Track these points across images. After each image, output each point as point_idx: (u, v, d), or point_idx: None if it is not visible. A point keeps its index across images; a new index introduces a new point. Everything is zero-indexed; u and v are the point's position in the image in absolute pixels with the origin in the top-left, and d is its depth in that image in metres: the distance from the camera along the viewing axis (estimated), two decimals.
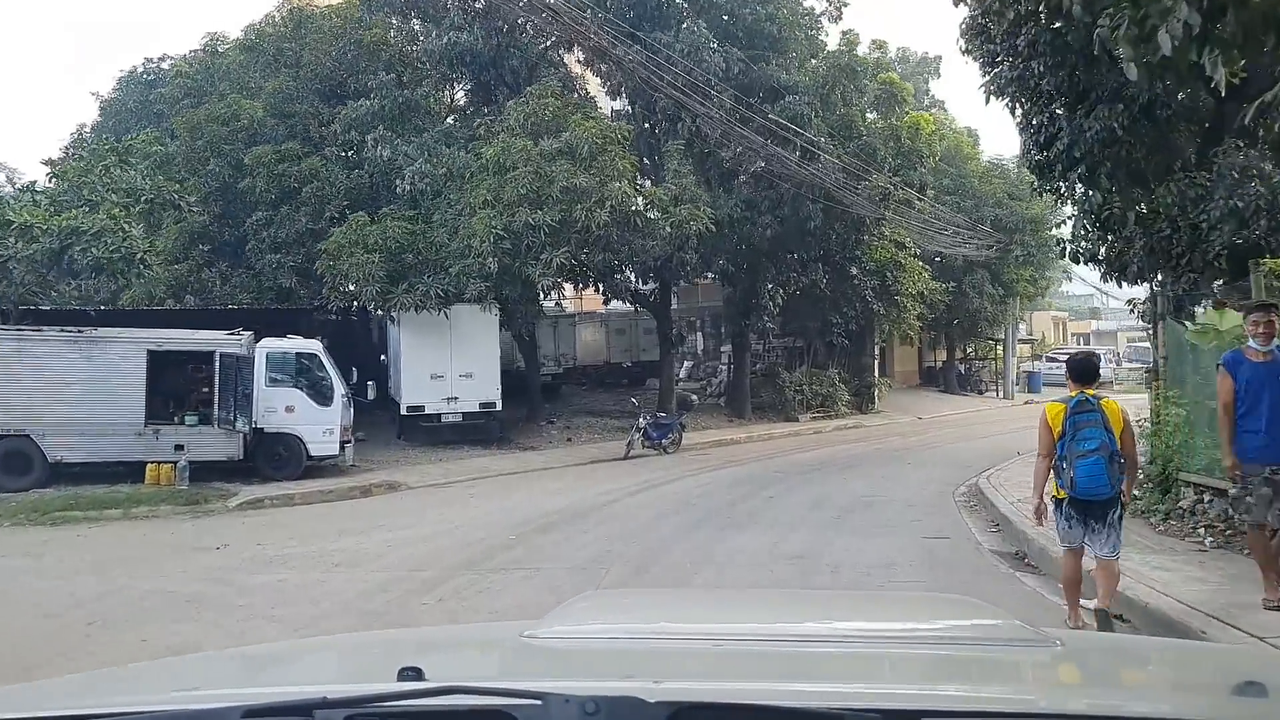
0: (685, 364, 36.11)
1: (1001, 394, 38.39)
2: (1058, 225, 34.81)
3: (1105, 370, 46.86)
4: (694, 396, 21.32)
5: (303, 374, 16.49)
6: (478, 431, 20.63)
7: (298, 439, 16.19)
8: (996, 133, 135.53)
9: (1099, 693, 1.86)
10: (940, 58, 42.40)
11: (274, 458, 16.18)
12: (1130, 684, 2.04)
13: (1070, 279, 41.16)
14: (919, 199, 24.82)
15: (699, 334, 36.58)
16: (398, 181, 19.42)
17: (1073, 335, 57.82)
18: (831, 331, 27.92)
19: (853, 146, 23.19)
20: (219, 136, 22.00)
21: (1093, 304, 64.69)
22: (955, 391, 38.13)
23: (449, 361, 20.29)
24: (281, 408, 16.17)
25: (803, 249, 24.72)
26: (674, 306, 38.47)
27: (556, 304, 27.76)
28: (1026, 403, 36.92)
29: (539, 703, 1.36)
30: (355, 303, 19.67)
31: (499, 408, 20.60)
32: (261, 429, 16.09)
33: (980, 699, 1.65)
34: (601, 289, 22.83)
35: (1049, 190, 13.22)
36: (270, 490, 15.16)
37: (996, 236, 33.90)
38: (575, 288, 23.83)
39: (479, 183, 18.12)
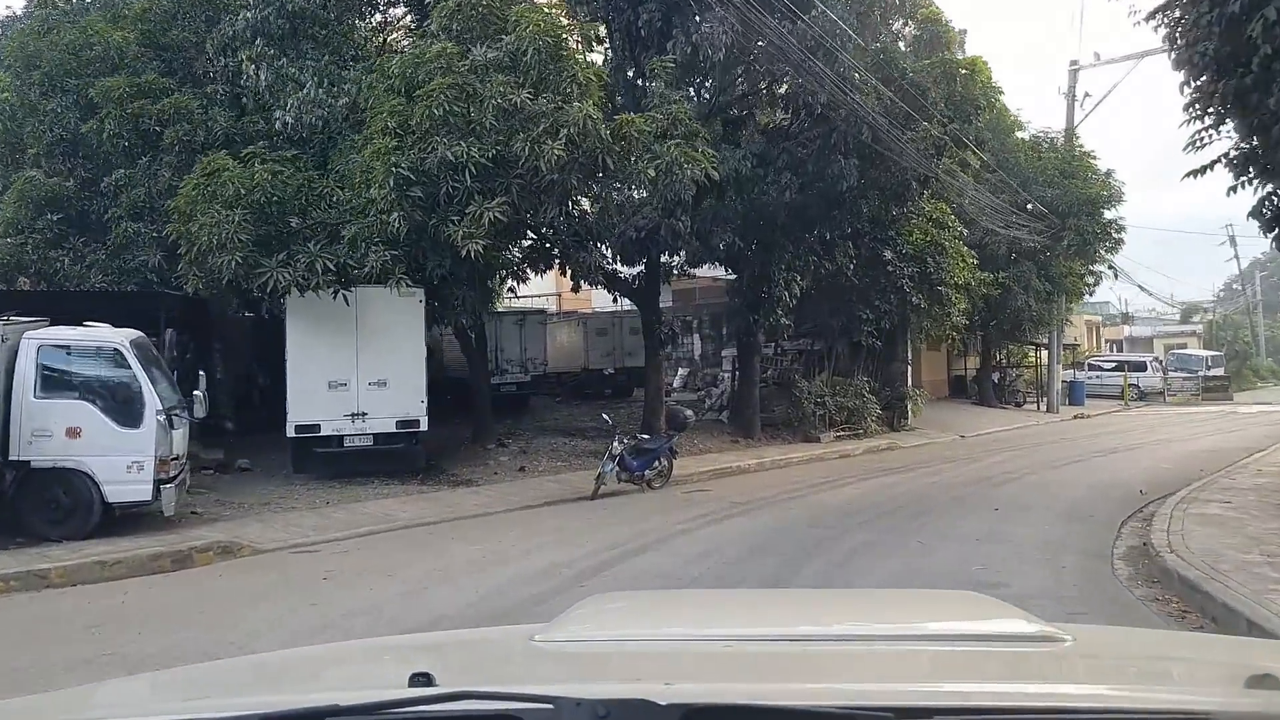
0: (681, 371, 30.37)
1: (1045, 406, 32.66)
2: (1115, 203, 29.34)
3: (1154, 380, 41.31)
4: (689, 412, 15.62)
5: (96, 381, 10.76)
6: (396, 460, 14.94)
7: (86, 477, 10.45)
8: (1036, 108, 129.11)
9: (1111, 687, 1.79)
10: (965, 31, 36.69)
11: (47, 506, 10.43)
12: (1142, 677, 1.97)
13: (1116, 275, 35.48)
14: (977, 157, 19.11)
15: (697, 336, 30.85)
16: (278, 113, 13.76)
17: (1106, 342, 52.15)
18: (860, 330, 22.21)
19: (894, 89, 17.55)
20: (64, 69, 16.38)
21: (1109, 310, 59.23)
22: (991, 404, 32.40)
23: (353, 365, 14.59)
24: (61, 430, 10.44)
25: (828, 224, 19.02)
26: (670, 305, 32.79)
27: (512, 291, 21.99)
28: (1076, 417, 31.30)
29: (550, 707, 1.33)
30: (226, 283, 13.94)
31: (423, 427, 14.88)
32: (27, 462, 10.39)
33: (992, 695, 1.58)
34: (566, 269, 17.04)
35: None
36: (18, 562, 9.42)
37: (1047, 221, 28.25)
38: (535, 270, 18.08)
39: (381, 106, 12.43)
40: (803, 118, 17.21)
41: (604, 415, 14.69)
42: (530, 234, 15.38)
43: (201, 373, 12.39)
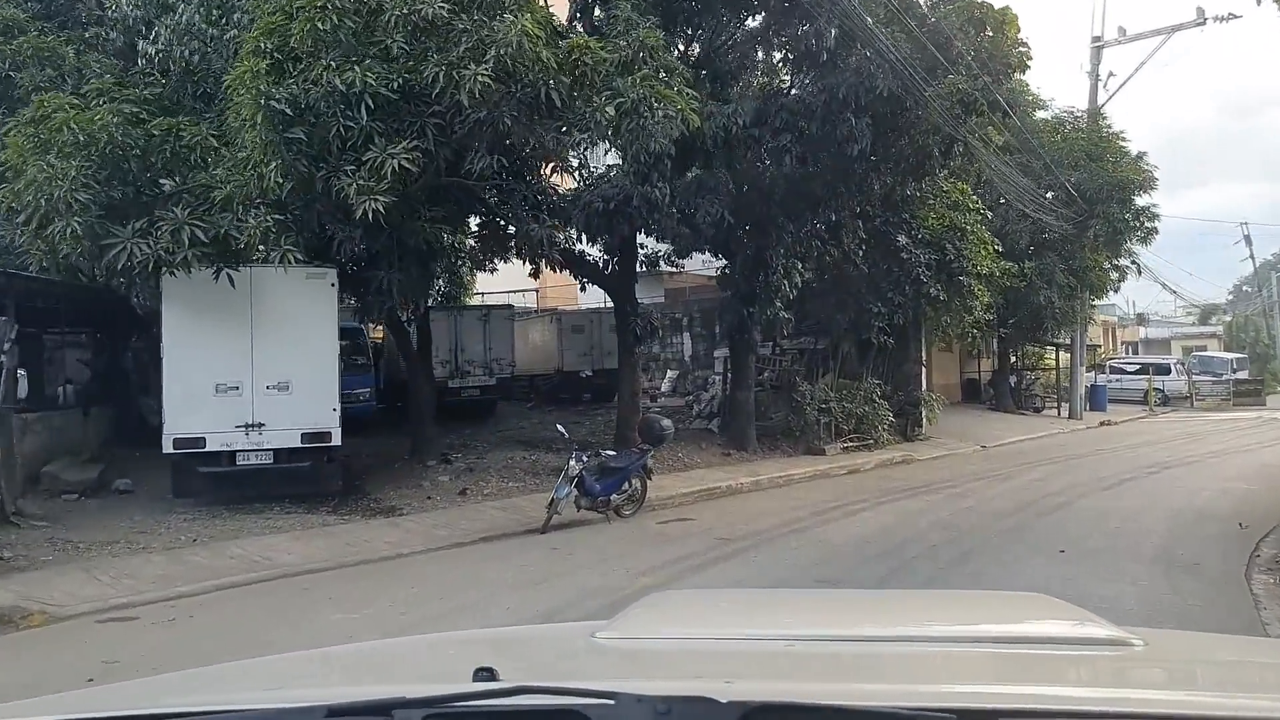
0: (670, 373, 27.34)
1: (1067, 413, 29.63)
2: (1148, 189, 26.31)
3: (1178, 385, 38.28)
4: (666, 421, 12.55)
5: None
6: (304, 482, 11.96)
7: None
8: (1054, 89, 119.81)
9: (1185, 692, 1.75)
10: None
11: None
12: (1219, 683, 1.88)
13: (1140, 271, 32.43)
14: (1000, 131, 16.15)
15: (687, 335, 27.82)
16: (140, 44, 10.78)
17: (1122, 344, 49.11)
18: (870, 327, 19.19)
19: (912, 41, 14.56)
20: None
21: (1113, 312, 56.13)
22: (1008, 409, 29.37)
23: (247, 364, 11.61)
24: None
25: (834, 202, 16.03)
26: (660, 301, 29.76)
27: (460, 284, 19.03)
28: (1102, 424, 28.26)
29: (611, 702, 1.31)
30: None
31: (336, 441, 11.90)
32: None
33: (1058, 698, 1.53)
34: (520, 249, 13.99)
35: None
36: None
37: (1073, 208, 25.26)
38: (488, 255, 15.06)
39: (257, 24, 9.41)
40: (805, 70, 14.24)
41: (559, 426, 11.68)
42: (482, 208, 12.35)
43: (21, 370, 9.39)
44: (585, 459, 11.24)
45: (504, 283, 26.53)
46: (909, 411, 21.52)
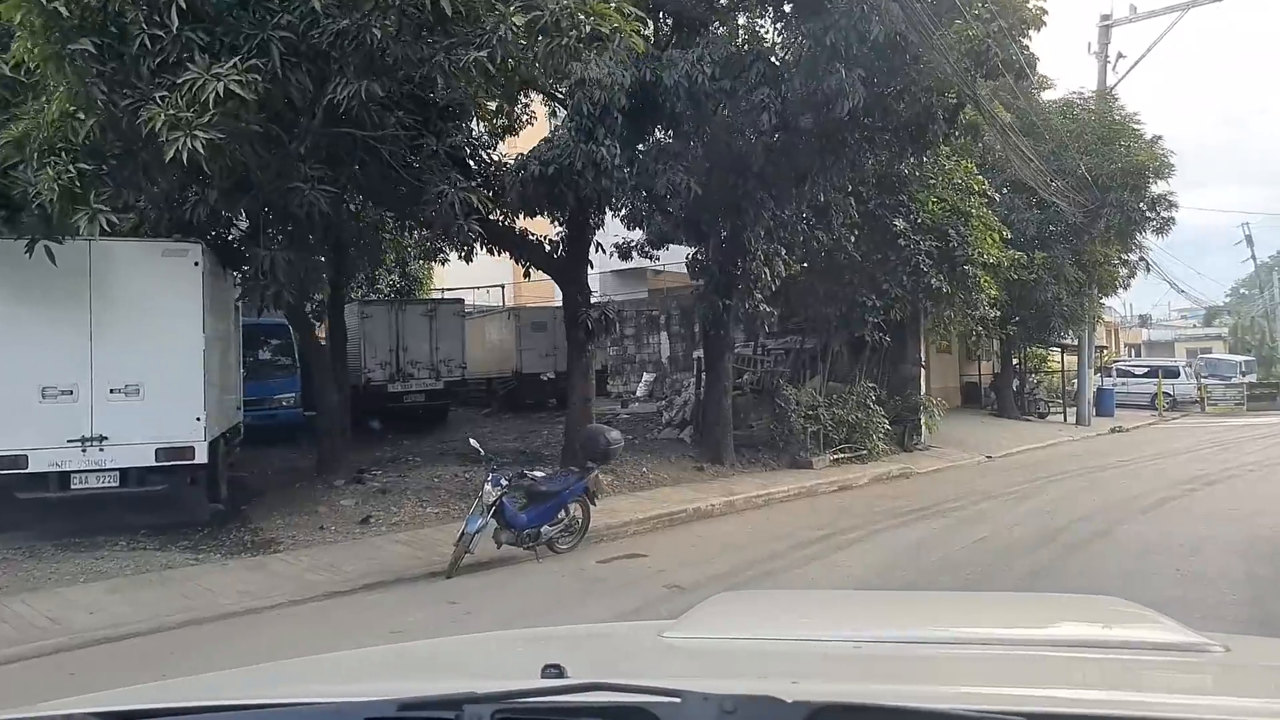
0: (646, 377, 24.97)
1: (1075, 418, 27.30)
2: (1166, 175, 23.97)
3: (1188, 388, 35.98)
4: (614, 434, 9.98)
5: None
6: (162, 508, 9.56)
7: None
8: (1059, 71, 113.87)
9: (1267, 700, 1.61)
10: None
11: None
12: None
13: (1149, 268, 30.15)
14: (1021, 82, 13.80)
15: (664, 334, 25.45)
16: None
17: (1125, 346, 46.80)
18: (863, 323, 16.81)
19: None
20: None
21: (1116, 314, 53.90)
22: (1011, 415, 27.04)
23: (85, 362, 9.20)
24: None
25: (821, 176, 13.67)
26: (643, 297, 27.37)
27: (405, 270, 16.70)
28: (1113, 431, 25.93)
29: (677, 701, 1.29)
30: None
31: (200, 458, 9.47)
32: None
33: (1133, 704, 1.46)
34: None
35: None
36: None
37: (1084, 195, 22.95)
38: (411, 233, 12.63)
39: None
40: (786, 12, 11.89)
41: (471, 441, 9.22)
42: (389, 169, 9.91)
43: None
44: (506, 482, 8.82)
45: (484, 278, 24.13)
46: (906, 418, 19.14)
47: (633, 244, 17.09)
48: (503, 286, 25.24)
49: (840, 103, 11.45)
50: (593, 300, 14.18)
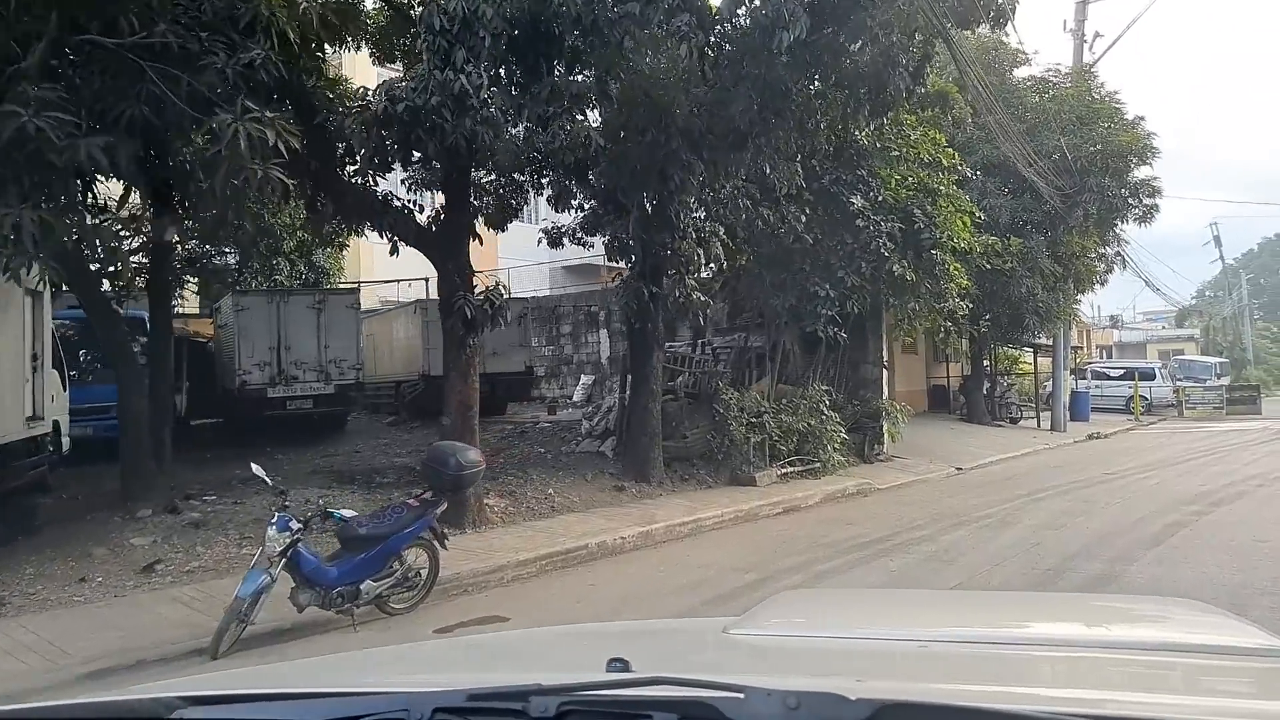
0: (584, 379, 22.48)
1: (1050, 424, 25.20)
2: (1149, 158, 21.85)
3: (1164, 391, 34.06)
4: (471, 454, 7.35)
5: None
6: None
7: None
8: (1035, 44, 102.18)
9: None
10: None
11: None
12: None
13: (1126, 265, 28.14)
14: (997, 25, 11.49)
15: (604, 331, 22.98)
16: None
17: (1097, 348, 44.97)
18: (816, 316, 14.44)
19: None
20: None
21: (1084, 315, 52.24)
22: (982, 420, 24.87)
23: None
24: None
25: (763, 137, 11.28)
26: (595, 290, 24.85)
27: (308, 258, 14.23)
28: (1091, 437, 23.85)
29: (741, 696, 1.26)
30: None
31: None
32: None
33: (1209, 709, 1.40)
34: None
35: None
36: None
37: (1060, 180, 20.82)
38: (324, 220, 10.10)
39: None
40: None
41: (254, 466, 6.69)
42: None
43: None
44: (300, 524, 6.31)
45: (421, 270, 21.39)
46: (866, 426, 16.85)
47: (563, 229, 14.67)
48: (426, 280, 22.62)
49: (779, 35, 9.05)
50: (504, 288, 11.64)
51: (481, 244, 10.93)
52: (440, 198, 10.94)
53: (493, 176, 12.45)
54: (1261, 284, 77.98)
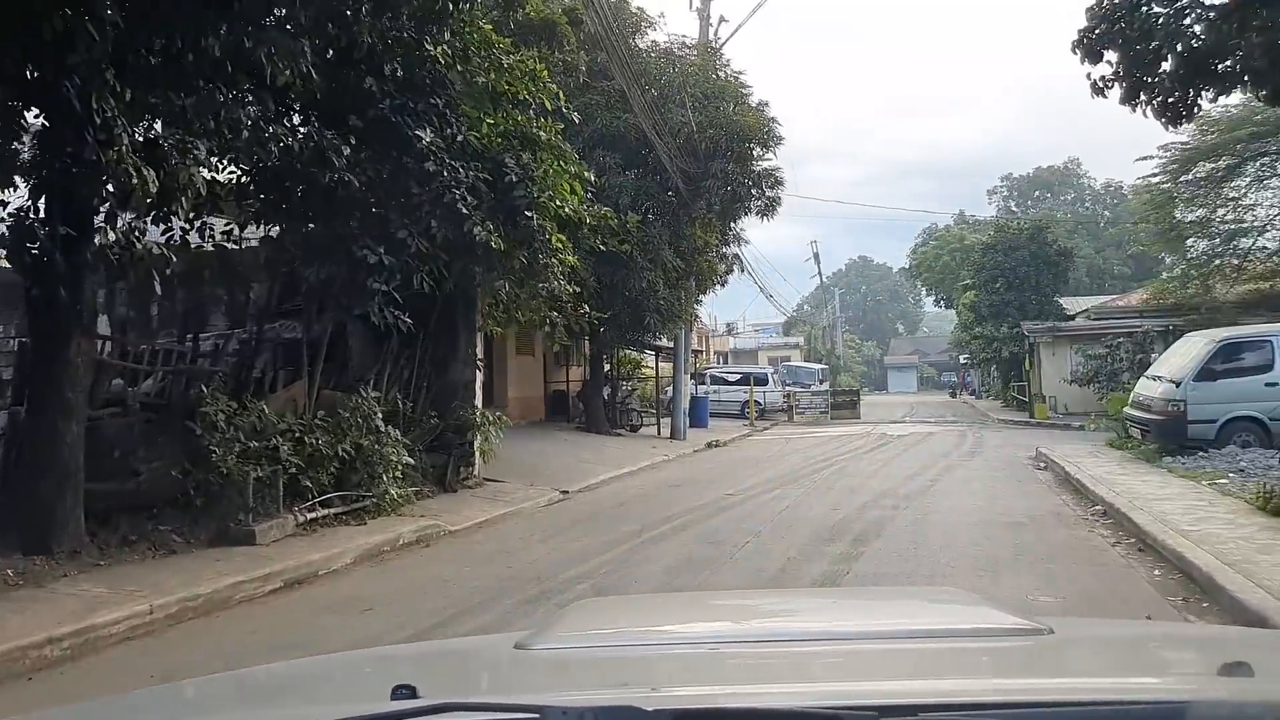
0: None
1: (670, 432, 23.10)
2: (774, 145, 20.21)
3: (776, 396, 34.08)
4: None
5: None
6: None
7: None
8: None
9: (1091, 679, 1.75)
10: None
11: None
12: (1122, 668, 1.92)
13: (744, 270, 27.13)
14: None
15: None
16: None
17: (715, 354, 45.29)
18: (368, 294, 10.09)
19: None
20: None
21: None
22: (602, 429, 22.13)
23: None
24: None
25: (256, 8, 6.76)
26: None
27: None
28: (710, 445, 22.04)
29: (536, 716, 1.23)
30: None
31: None
32: None
33: (975, 690, 1.52)
34: None
35: None
36: None
37: (686, 161, 18.48)
38: None
39: None
40: None
41: None
42: None
43: None
44: None
45: None
46: (453, 443, 12.88)
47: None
48: None
49: None
50: None
51: None
52: None
53: None
54: (847, 300, 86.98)
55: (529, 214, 10.80)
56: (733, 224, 21.71)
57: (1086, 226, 49.29)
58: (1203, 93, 9.95)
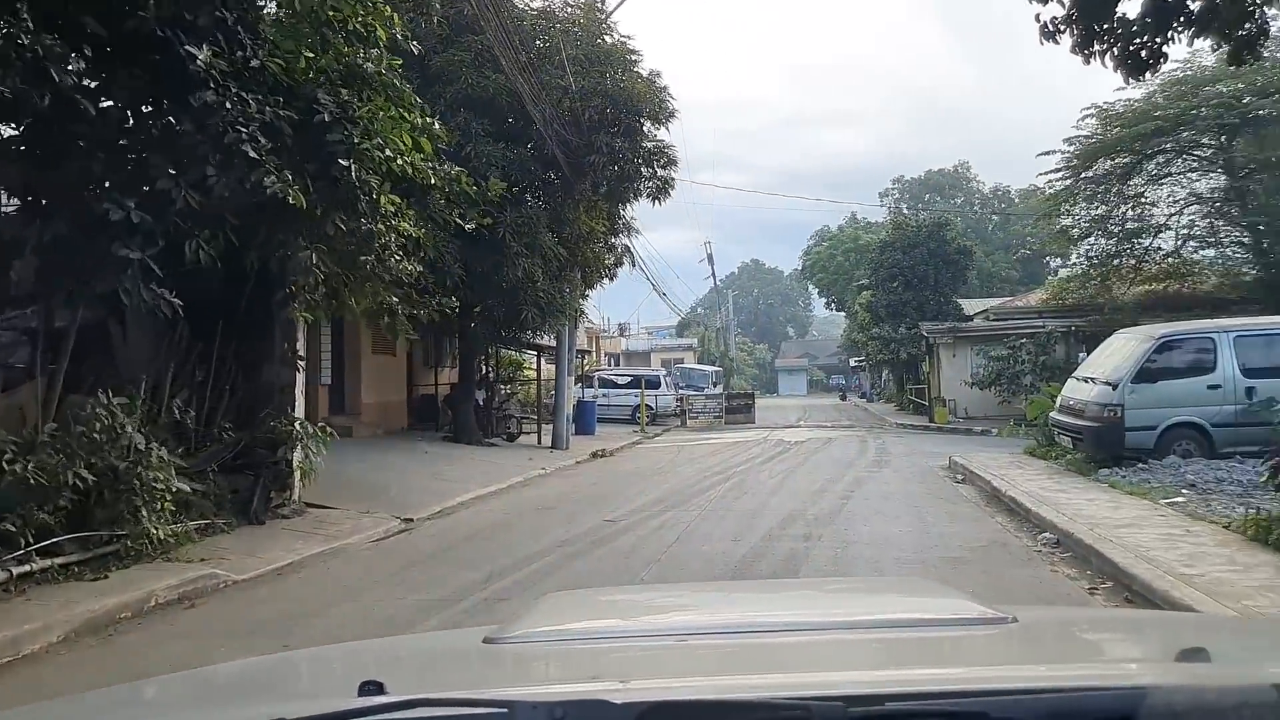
0: None
1: (552, 441, 20.67)
2: (666, 120, 17.96)
3: (669, 400, 31.88)
4: None
5: None
6: None
7: None
8: None
9: (1053, 666, 1.76)
10: None
11: None
12: (1083, 655, 1.99)
13: (635, 264, 24.99)
14: None
15: None
16: None
17: (606, 355, 43.01)
18: (115, 267, 7.37)
19: None
20: None
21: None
22: (473, 439, 19.48)
23: None
24: None
25: None
26: None
27: None
28: (596, 455, 19.75)
29: (505, 711, 1.21)
30: None
31: None
32: None
33: (940, 679, 1.50)
34: None
35: None
36: None
37: (568, 132, 16.14)
38: None
39: None
40: None
41: None
42: None
43: None
44: None
45: None
46: (263, 461, 10.19)
47: None
48: None
49: None
50: None
51: None
52: None
53: None
54: (740, 303, 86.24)
55: (345, 163, 8.25)
56: (622, 208, 19.49)
57: (976, 229, 49.28)
58: (1177, 35, 8.22)
